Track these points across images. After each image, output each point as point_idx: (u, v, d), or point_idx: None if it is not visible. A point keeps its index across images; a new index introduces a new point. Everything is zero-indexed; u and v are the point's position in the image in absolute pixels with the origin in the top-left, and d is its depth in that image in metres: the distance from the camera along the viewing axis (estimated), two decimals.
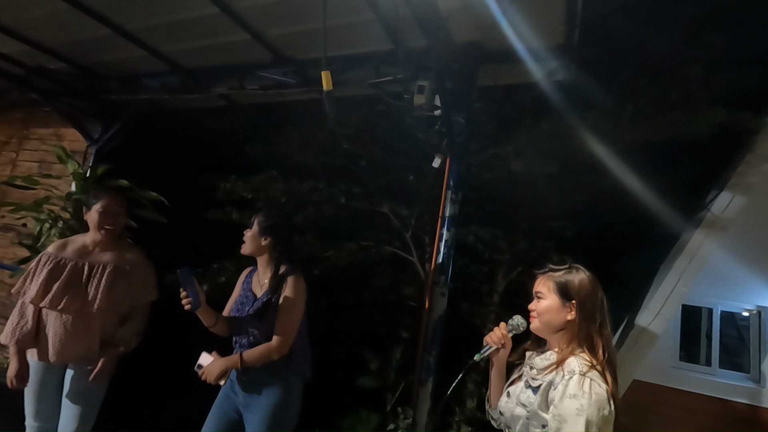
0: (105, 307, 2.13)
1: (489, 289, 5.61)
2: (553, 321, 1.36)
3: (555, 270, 1.42)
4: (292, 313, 1.91)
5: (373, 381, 5.47)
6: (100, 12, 2.81)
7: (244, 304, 2.02)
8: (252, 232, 2.01)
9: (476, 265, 5.56)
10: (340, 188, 4.44)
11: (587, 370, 1.22)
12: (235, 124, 4.35)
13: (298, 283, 1.95)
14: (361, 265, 5.23)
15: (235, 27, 2.78)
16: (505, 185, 4.01)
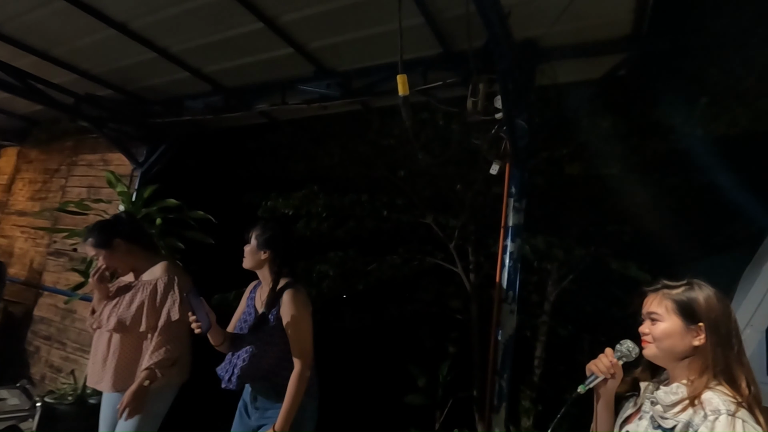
0: (119, 328, 2.02)
1: (539, 298, 5.34)
2: (675, 347, 1.16)
3: (671, 287, 1.22)
4: (302, 328, 1.83)
5: (421, 398, 5.28)
6: (146, 36, 2.83)
7: (246, 321, 1.97)
8: (251, 246, 1.94)
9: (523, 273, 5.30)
10: (382, 200, 4.32)
11: (735, 408, 1.02)
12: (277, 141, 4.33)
13: (298, 296, 1.87)
14: (404, 279, 5.08)
15: (278, 41, 2.73)
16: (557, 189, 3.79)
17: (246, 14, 2.46)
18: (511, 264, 2.28)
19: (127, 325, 2.00)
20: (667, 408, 1.12)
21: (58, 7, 2.60)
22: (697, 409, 1.06)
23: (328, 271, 4.07)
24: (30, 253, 4.49)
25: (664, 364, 1.22)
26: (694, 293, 1.18)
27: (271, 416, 1.82)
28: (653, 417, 1.15)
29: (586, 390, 1.29)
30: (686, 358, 1.17)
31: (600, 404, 1.31)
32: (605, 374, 1.27)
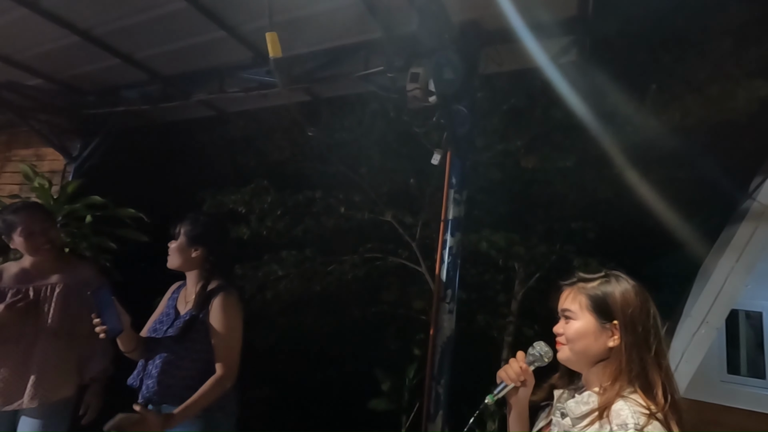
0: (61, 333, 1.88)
1: (506, 298, 5.23)
2: (588, 349, 1.01)
3: (587, 280, 1.07)
4: (232, 335, 1.66)
5: (386, 403, 5.09)
6: (62, 16, 2.59)
7: (163, 323, 1.75)
8: (178, 242, 1.73)
9: (491, 273, 5.20)
10: (338, 197, 4.14)
11: (645, 421, 0.87)
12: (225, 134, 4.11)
13: (231, 299, 1.69)
14: (366, 279, 4.91)
15: (207, 23, 2.52)
16: (517, 184, 3.66)
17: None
18: (450, 260, 2.12)
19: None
20: (576, 420, 0.97)
21: None
22: (604, 422, 0.90)
23: (277, 271, 3.87)
24: None
25: (579, 369, 1.07)
26: (609, 287, 1.03)
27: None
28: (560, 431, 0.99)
29: (495, 400, 1.14)
30: (601, 361, 1.01)
31: (512, 415, 1.15)
32: (515, 381, 1.11)
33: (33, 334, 1.87)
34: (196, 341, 1.66)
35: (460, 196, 2.17)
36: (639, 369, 0.95)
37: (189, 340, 1.65)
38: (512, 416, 1.15)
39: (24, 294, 1.87)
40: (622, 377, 0.96)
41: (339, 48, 2.66)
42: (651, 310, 1.01)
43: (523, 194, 3.87)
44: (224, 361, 1.62)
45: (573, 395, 1.05)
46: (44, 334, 1.88)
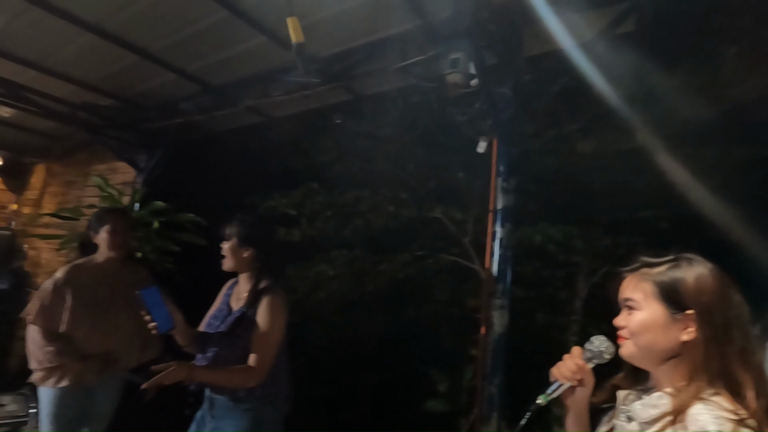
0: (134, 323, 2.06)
1: (569, 295, 4.90)
2: (656, 343, 0.87)
3: (652, 264, 0.93)
4: (270, 335, 1.67)
5: (443, 404, 4.97)
6: (122, 37, 2.81)
7: (217, 319, 1.82)
8: (230, 244, 1.77)
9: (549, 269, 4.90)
10: (386, 195, 4.10)
11: (732, 428, 0.73)
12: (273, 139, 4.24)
13: (277, 300, 1.72)
14: (418, 278, 4.82)
15: (248, 30, 2.61)
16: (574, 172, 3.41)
17: (206, 1, 2.35)
18: (501, 253, 2.00)
19: None
20: (644, 425, 0.84)
21: (33, 15, 2.61)
22: (679, 429, 0.77)
23: (328, 271, 3.90)
24: (52, 263, 4.65)
25: (646, 366, 0.93)
26: (680, 272, 0.89)
27: (225, 427, 1.66)
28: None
29: (548, 401, 1.02)
30: (673, 358, 0.87)
31: (569, 418, 1.03)
32: (570, 380, 0.99)
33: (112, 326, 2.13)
34: (243, 337, 1.70)
35: (509, 185, 2.04)
36: (721, 366, 0.81)
37: (237, 336, 1.70)
38: (569, 419, 1.03)
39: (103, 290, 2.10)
40: (700, 376, 0.82)
41: (375, 42, 2.63)
42: (733, 299, 0.86)
43: (581, 183, 3.59)
44: (258, 357, 1.64)
45: (640, 397, 0.92)
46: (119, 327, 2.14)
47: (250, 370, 1.62)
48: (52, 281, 2.11)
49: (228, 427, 1.67)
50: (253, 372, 1.62)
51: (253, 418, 1.67)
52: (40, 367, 2.03)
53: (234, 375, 1.63)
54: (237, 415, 1.67)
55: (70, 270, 2.14)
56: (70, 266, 2.18)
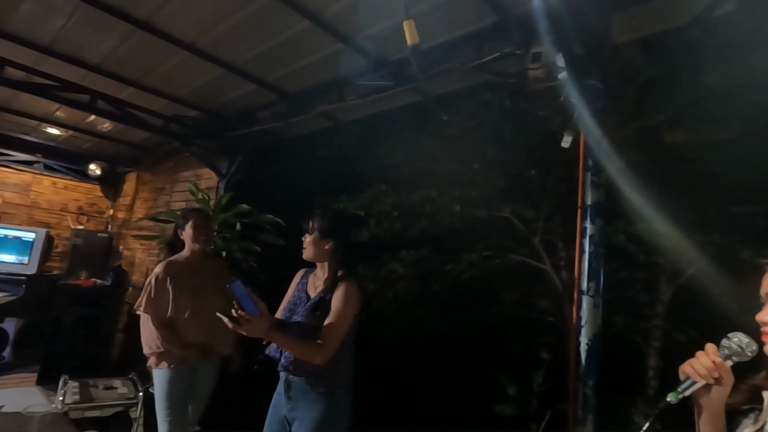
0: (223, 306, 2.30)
1: (649, 298, 4.60)
2: None
3: None
4: (341, 318, 1.75)
5: (513, 408, 4.85)
6: (212, 53, 3.04)
7: (297, 305, 1.92)
8: (313, 236, 1.87)
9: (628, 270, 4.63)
10: (453, 195, 4.09)
11: None
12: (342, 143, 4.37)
13: (352, 289, 1.80)
14: (485, 278, 4.75)
15: (327, 37, 2.72)
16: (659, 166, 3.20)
17: (291, 13, 2.49)
18: (592, 249, 1.93)
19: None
20: None
21: (138, 38, 2.91)
22: None
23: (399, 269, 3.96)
24: (146, 262, 5.12)
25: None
26: None
27: (303, 409, 1.76)
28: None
29: (680, 399, 0.98)
30: None
31: (702, 419, 0.98)
32: (705, 378, 0.95)
33: (203, 308, 2.38)
34: (321, 319, 1.79)
35: (599, 179, 1.97)
36: None
37: (316, 318, 1.79)
38: (703, 420, 0.98)
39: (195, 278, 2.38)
40: None
41: (450, 42, 2.63)
42: None
43: (667, 177, 3.36)
44: (326, 338, 1.71)
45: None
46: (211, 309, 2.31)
47: (319, 347, 1.69)
48: (154, 276, 2.38)
49: (304, 410, 1.77)
50: (320, 349, 1.69)
51: (328, 401, 1.76)
52: (151, 352, 2.27)
53: (304, 348, 1.71)
54: (312, 398, 1.76)
55: (166, 265, 2.43)
56: (166, 262, 2.46)
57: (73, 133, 5.14)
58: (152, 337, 2.27)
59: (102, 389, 2.90)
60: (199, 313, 2.36)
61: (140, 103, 3.91)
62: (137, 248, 5.32)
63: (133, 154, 5.82)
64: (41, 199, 5.83)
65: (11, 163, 5.58)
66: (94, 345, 4.20)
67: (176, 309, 2.31)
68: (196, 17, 2.67)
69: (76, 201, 6.07)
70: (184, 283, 2.37)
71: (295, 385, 1.81)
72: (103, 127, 4.93)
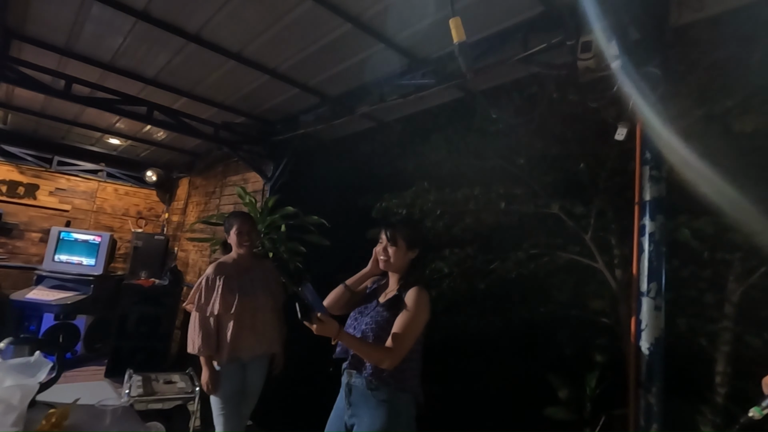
0: (271, 305, 2.55)
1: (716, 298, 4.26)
2: None
3: None
4: (412, 323, 1.69)
5: (564, 412, 4.66)
6: (257, 60, 3.13)
7: (368, 308, 1.88)
8: (398, 247, 1.84)
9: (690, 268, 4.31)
10: (498, 192, 3.98)
11: None
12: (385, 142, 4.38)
13: (424, 294, 1.76)
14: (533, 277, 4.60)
15: (368, 39, 2.73)
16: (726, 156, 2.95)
17: (333, 17, 2.52)
18: (652, 248, 1.81)
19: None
20: None
21: (189, 51, 3.05)
22: None
23: (443, 269, 3.91)
24: (198, 262, 5.39)
25: None
26: None
27: (362, 416, 1.73)
28: None
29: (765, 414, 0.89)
30: None
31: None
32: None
33: (254, 308, 2.48)
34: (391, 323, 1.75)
35: (659, 173, 1.84)
36: None
37: (386, 322, 1.75)
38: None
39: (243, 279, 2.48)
40: None
41: (494, 35, 2.56)
42: None
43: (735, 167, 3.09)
44: (396, 340, 1.66)
45: None
46: (260, 308, 2.51)
47: (388, 351, 1.65)
48: (204, 276, 2.49)
49: (365, 416, 1.72)
50: (389, 353, 1.65)
51: (389, 410, 1.69)
52: (195, 351, 2.39)
53: (372, 350, 1.67)
54: (373, 405, 1.71)
55: (216, 266, 2.52)
56: (216, 263, 2.56)
57: (131, 142, 5.51)
58: (197, 337, 2.37)
59: (162, 383, 3.08)
60: (247, 313, 2.44)
61: (192, 113, 4.11)
62: (191, 249, 5.60)
63: (185, 161, 6.14)
64: (106, 205, 6.29)
65: (80, 172, 6.06)
66: (155, 341, 4.47)
67: (225, 308, 2.40)
68: (242, 27, 2.76)
69: (135, 206, 6.50)
70: (234, 283, 2.46)
71: (356, 390, 1.78)
72: (157, 136, 5.24)
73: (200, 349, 2.35)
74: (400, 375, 1.70)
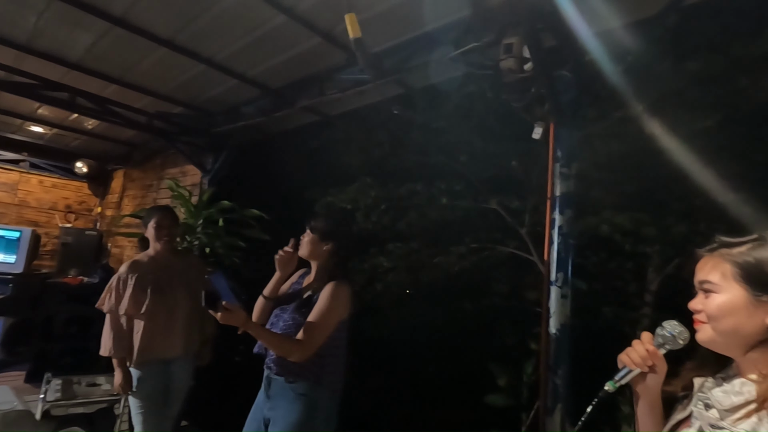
0: (191, 303, 2.43)
1: (638, 288, 4.61)
2: (740, 328, 0.82)
3: (732, 244, 0.87)
4: (324, 316, 1.69)
5: (504, 399, 4.88)
6: (191, 49, 3.02)
7: (289, 303, 1.87)
8: (312, 236, 1.84)
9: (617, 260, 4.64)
10: (441, 188, 4.09)
11: None
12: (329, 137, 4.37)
13: (341, 289, 1.75)
14: (475, 270, 4.76)
15: (304, 32, 2.70)
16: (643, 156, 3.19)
17: (265, 7, 2.47)
18: (560, 240, 1.93)
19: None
20: (725, 413, 0.79)
21: (115, 35, 2.89)
22: (764, 414, 0.72)
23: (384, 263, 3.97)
24: None
25: (727, 353, 0.88)
26: (766, 251, 0.83)
27: (280, 409, 1.72)
28: (703, 425, 0.82)
29: (618, 387, 0.99)
30: (762, 343, 0.82)
31: (640, 407, 0.99)
32: (640, 366, 0.96)
33: (171, 307, 2.39)
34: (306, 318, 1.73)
35: (569, 170, 1.96)
36: None
37: (303, 316, 1.74)
38: (641, 408, 0.99)
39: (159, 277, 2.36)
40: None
41: (428, 33, 2.62)
42: None
43: (652, 167, 3.36)
44: (307, 334, 1.66)
45: (720, 384, 0.86)
46: (178, 307, 2.41)
47: (297, 343, 1.64)
48: (116, 275, 2.38)
49: (282, 410, 1.71)
50: (299, 345, 1.64)
51: (308, 404, 1.69)
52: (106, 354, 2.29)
53: (282, 342, 1.67)
54: (291, 398, 1.70)
55: (129, 264, 2.41)
56: (130, 261, 2.44)
57: (58, 131, 5.13)
58: (108, 338, 2.27)
59: (85, 386, 2.93)
60: (162, 312, 2.34)
61: (124, 101, 3.90)
62: (126, 246, 5.33)
63: (121, 152, 5.81)
64: (30, 198, 5.84)
65: None
66: (86, 342, 4.22)
67: (135, 308, 2.29)
68: (171, 13, 2.64)
69: (65, 199, 6.08)
70: (148, 281, 2.34)
71: (275, 384, 1.76)
72: (88, 125, 4.92)
73: (111, 351, 2.25)
74: (320, 369, 1.70)
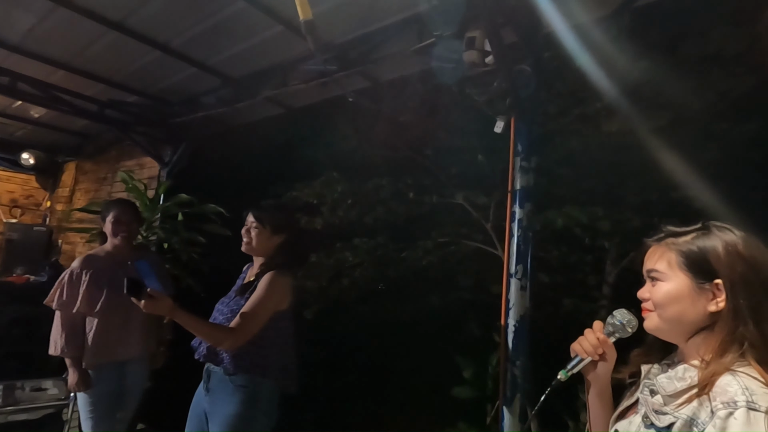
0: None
1: (597, 280, 4.79)
2: (684, 315, 0.84)
3: (678, 234, 0.89)
4: (259, 305, 1.64)
5: (469, 391, 4.97)
6: (144, 33, 2.87)
7: (228, 297, 1.84)
8: (264, 230, 1.78)
9: (578, 254, 4.78)
10: (407, 182, 4.08)
11: (763, 397, 0.69)
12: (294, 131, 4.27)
13: (280, 278, 1.70)
14: (442, 265, 4.80)
15: (265, 19, 2.61)
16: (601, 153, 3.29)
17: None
18: (520, 233, 1.96)
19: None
20: (668, 398, 0.81)
21: (59, 16, 2.70)
22: (704, 400, 0.74)
23: (349, 258, 3.93)
24: None
25: (673, 339, 0.90)
26: (708, 240, 0.85)
27: (219, 403, 1.67)
28: (648, 411, 0.84)
29: (570, 376, 1.00)
30: (703, 330, 0.84)
31: (591, 394, 1.01)
32: (591, 355, 0.97)
33: (127, 305, 2.16)
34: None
35: (528, 164, 1.99)
36: (755, 338, 0.77)
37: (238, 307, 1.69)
38: (591, 395, 1.01)
39: (114, 274, 2.21)
40: (731, 348, 0.78)
41: (391, 26, 2.59)
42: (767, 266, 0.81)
43: (609, 163, 3.47)
44: (240, 322, 1.61)
45: (665, 370, 0.88)
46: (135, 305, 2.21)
47: (228, 332, 1.59)
48: (68, 271, 2.26)
49: (221, 402, 1.67)
50: (231, 334, 1.59)
51: (246, 396, 1.65)
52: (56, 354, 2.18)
53: (212, 331, 1.61)
54: (230, 391, 1.66)
55: (83, 260, 2.30)
56: (83, 256, 2.34)
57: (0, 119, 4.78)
58: (59, 337, 2.16)
59: (30, 391, 2.75)
60: (118, 310, 2.23)
61: (72, 88, 3.66)
62: (78, 242, 5.04)
63: (72, 143, 5.47)
64: None
65: None
66: (32, 345, 3.96)
67: (89, 306, 2.18)
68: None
69: (9, 193, 5.68)
70: (103, 278, 2.23)
71: (214, 376, 1.71)
72: (34, 113, 4.60)
73: (63, 350, 2.13)
74: (262, 361, 1.66)
